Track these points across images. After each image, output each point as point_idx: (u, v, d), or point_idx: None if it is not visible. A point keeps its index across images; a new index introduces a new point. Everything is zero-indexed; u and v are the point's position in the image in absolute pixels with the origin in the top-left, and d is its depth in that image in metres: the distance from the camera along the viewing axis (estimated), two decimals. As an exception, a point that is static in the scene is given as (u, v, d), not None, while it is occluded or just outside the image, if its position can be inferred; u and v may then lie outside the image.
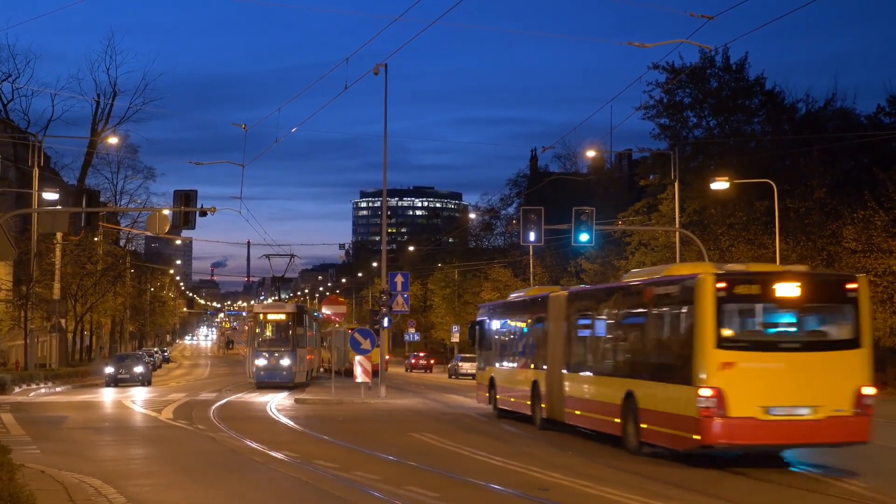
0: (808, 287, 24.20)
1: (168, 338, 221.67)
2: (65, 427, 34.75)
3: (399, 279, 51.52)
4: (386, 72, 48.20)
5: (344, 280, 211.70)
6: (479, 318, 43.35)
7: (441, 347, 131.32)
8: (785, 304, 23.94)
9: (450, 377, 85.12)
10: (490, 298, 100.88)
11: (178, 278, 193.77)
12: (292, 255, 79.73)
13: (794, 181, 64.43)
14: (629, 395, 26.56)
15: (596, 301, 31.60)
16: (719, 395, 22.85)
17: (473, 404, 43.83)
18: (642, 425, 25.78)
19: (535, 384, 34.37)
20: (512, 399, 37.12)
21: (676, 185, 68.13)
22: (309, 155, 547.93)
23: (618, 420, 27.26)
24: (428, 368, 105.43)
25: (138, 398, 52.08)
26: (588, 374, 30.56)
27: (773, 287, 23.86)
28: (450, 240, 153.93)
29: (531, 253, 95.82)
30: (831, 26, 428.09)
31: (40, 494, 16.88)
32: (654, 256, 74.27)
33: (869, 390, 24.20)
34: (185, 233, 70.99)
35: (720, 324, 23.43)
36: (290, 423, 36.30)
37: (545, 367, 33.63)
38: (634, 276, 30.46)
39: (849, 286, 24.49)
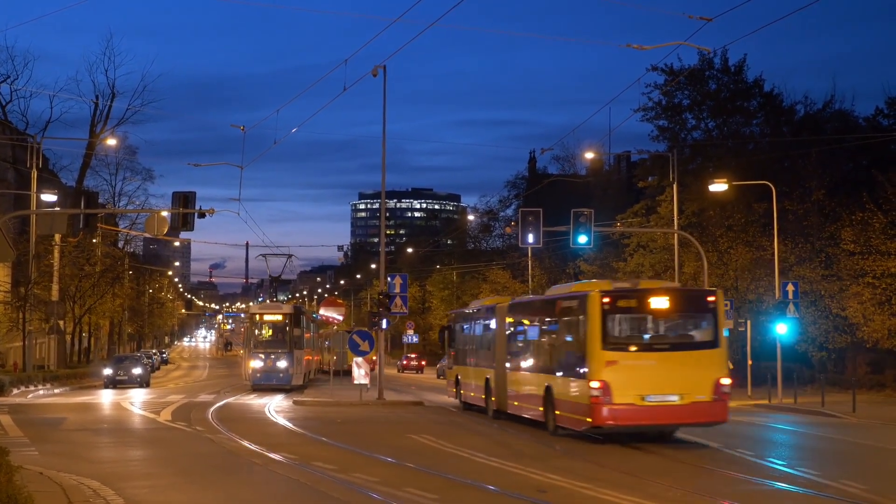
0: (676, 300, 30.21)
1: (166, 339, 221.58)
2: (63, 429, 34.74)
3: (397, 281, 51.48)
4: (385, 73, 48.14)
5: (342, 282, 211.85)
6: (447, 325, 51.03)
7: (439, 349, 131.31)
8: (657, 314, 29.95)
9: (438, 377, 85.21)
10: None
11: (176, 280, 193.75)
12: (289, 256, 76.00)
13: (793, 183, 64.43)
14: (548, 388, 32.35)
15: (526, 311, 37.79)
16: (605, 387, 28.60)
17: (449, 400, 48.10)
18: (556, 412, 31.61)
19: (487, 381, 40.11)
20: (472, 394, 42.80)
21: (675, 186, 68.12)
22: (308, 156, 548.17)
23: (541, 409, 33.11)
24: (419, 369, 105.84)
25: (137, 400, 52.07)
26: (522, 371, 36.16)
27: (648, 301, 29.70)
28: (448, 241, 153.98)
29: (530, 255, 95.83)
30: (830, 28, 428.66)
31: (38, 496, 16.88)
32: (652, 258, 74.30)
33: (725, 381, 29.31)
34: (184, 234, 71.10)
35: (605, 330, 29.25)
36: (289, 424, 36.29)
37: (494, 366, 39.23)
38: (553, 292, 36.34)
39: (709, 299, 30.37)
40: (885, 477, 23.61)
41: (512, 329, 38.04)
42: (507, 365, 37.64)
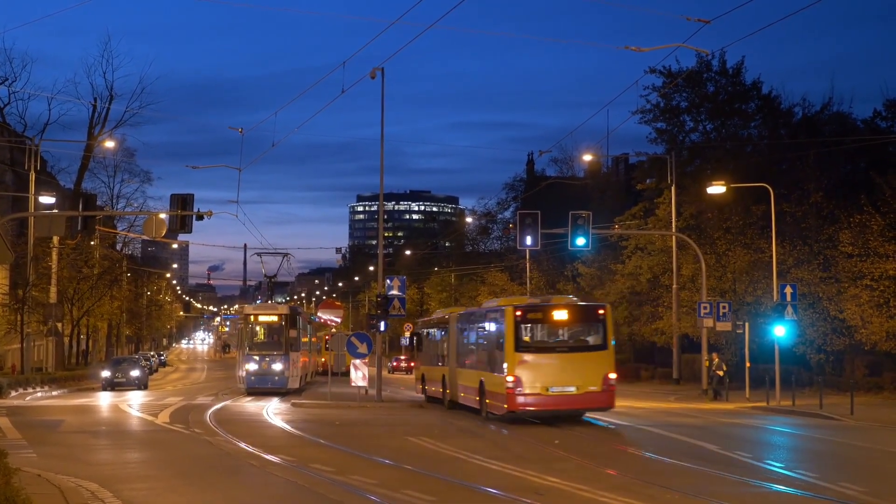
0: (573, 313, 38.31)
1: (165, 342, 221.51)
2: (61, 431, 34.73)
3: (396, 283, 51.53)
4: (383, 76, 48.11)
5: (341, 284, 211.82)
6: (415, 331, 60.22)
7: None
8: (558, 324, 37.97)
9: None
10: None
11: (174, 282, 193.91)
12: (286, 254, 71.97)
13: (791, 185, 64.45)
14: (481, 382, 39.73)
15: (469, 320, 44.64)
16: (518, 380, 36.43)
17: (418, 395, 54.54)
18: (487, 401, 39.08)
19: (443, 377, 47.10)
20: (433, 389, 49.97)
21: (673, 189, 68.30)
22: (306, 159, 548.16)
23: (477, 398, 40.38)
24: (408, 370, 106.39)
25: (135, 402, 52.05)
26: (466, 369, 43.30)
27: (551, 313, 37.78)
28: (446, 244, 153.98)
29: (528, 257, 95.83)
30: (828, 31, 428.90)
31: (37, 498, 16.89)
32: (650, 260, 74.33)
33: (612, 375, 37.28)
34: (182, 236, 71.30)
35: (518, 336, 37.13)
36: (287, 426, 36.28)
37: (447, 365, 46.59)
38: (485, 305, 45.09)
39: (599, 311, 38.29)
40: (884, 479, 23.63)
41: (459, 334, 45.38)
42: (456, 364, 45.07)
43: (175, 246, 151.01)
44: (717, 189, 57.67)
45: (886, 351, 53.93)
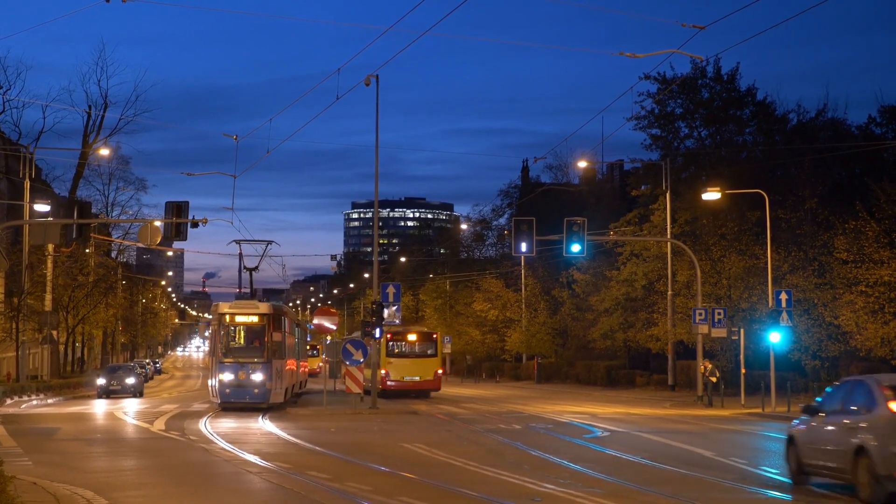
0: (419, 335, 67.58)
1: (160, 349, 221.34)
2: (57, 439, 34.71)
3: (391, 290, 51.59)
4: (377, 83, 48.17)
5: (336, 291, 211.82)
6: (345, 342, 63.25)
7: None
8: (410, 342, 66.57)
9: None
10: (481, 309, 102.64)
11: (169, 289, 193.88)
12: (269, 242, 58.59)
13: (786, 192, 64.52)
14: (373, 374, 54.16)
15: (388, 335, 63.00)
16: (387, 373, 63.42)
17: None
18: (380, 386, 57.32)
19: (373, 374, 55.24)
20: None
21: (668, 195, 68.41)
22: (301, 166, 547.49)
23: (381, 386, 59.14)
24: None
25: (130, 409, 52.03)
26: (368, 368, 53.68)
27: (406, 335, 66.52)
28: (441, 251, 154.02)
29: (523, 263, 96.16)
30: (822, 37, 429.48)
31: (32, 506, 16.85)
32: (645, 267, 74.44)
33: (440, 371, 66.47)
34: (177, 244, 71.24)
35: (388, 348, 64.10)
36: (283, 433, 36.25)
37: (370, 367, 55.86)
38: (390, 328, 58.82)
39: (433, 335, 68.43)
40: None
41: (385, 346, 63.39)
42: (383, 363, 62.39)
43: (170, 254, 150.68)
44: (711, 195, 57.71)
45: (881, 357, 53.95)
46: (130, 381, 69.88)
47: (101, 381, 70.04)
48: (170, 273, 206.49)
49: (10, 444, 31.79)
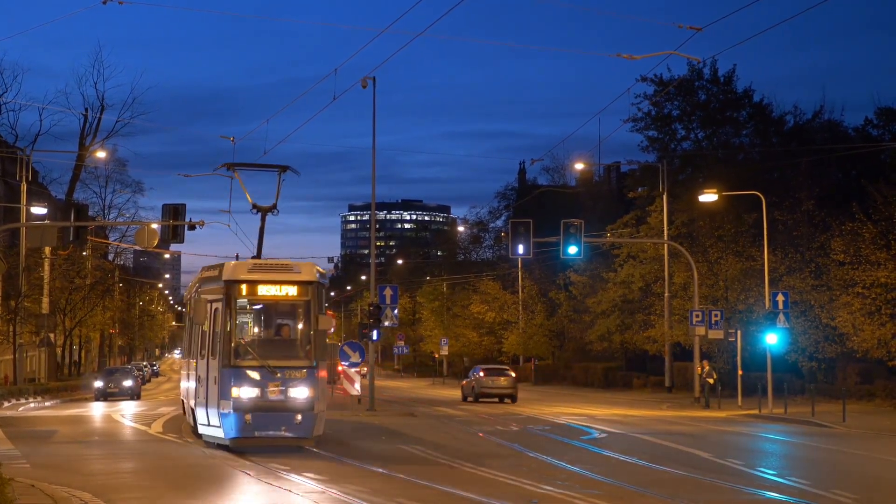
0: None
1: (157, 352, 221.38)
2: (54, 441, 34.67)
3: (388, 292, 51.53)
4: (374, 85, 48.12)
5: (333, 293, 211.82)
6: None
7: (430, 360, 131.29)
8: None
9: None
10: (479, 311, 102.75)
11: (166, 292, 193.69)
12: (284, 169, 34.20)
13: (783, 193, 64.54)
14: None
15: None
16: None
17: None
18: None
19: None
20: None
21: (665, 197, 68.46)
22: (299, 168, 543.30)
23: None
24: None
25: (127, 412, 51.94)
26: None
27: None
28: (438, 253, 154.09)
29: (520, 265, 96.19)
30: (819, 39, 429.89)
31: (30, 508, 16.86)
32: (642, 269, 74.47)
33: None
34: (174, 247, 71.19)
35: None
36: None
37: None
38: None
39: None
40: (876, 487, 23.68)
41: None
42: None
43: (167, 256, 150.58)
44: (708, 197, 57.77)
45: (878, 358, 53.98)
46: (128, 383, 69.84)
47: (98, 384, 70.00)
48: (167, 276, 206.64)
49: (7, 446, 31.76)
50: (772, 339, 49.93)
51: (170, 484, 23.01)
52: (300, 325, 30.31)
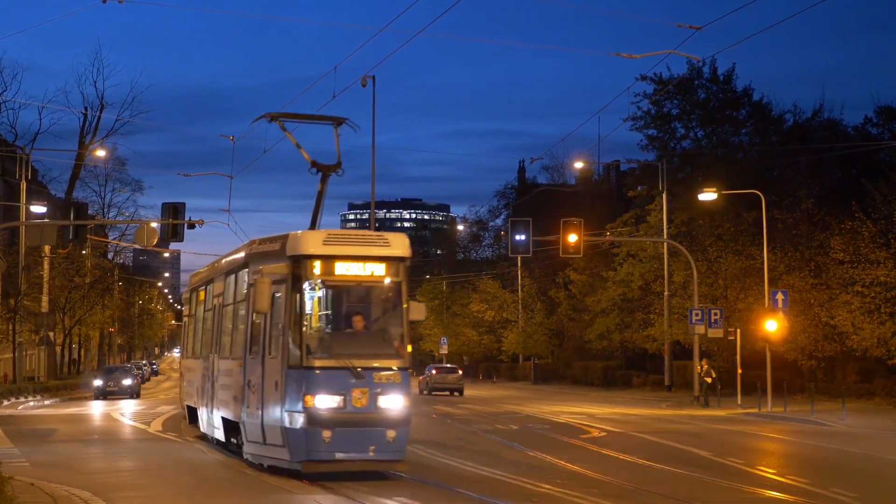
0: None
1: (156, 350, 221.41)
2: (54, 440, 34.67)
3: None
4: (374, 83, 48.23)
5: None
6: None
7: (430, 359, 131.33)
8: None
9: None
10: (478, 310, 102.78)
11: (166, 291, 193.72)
12: (341, 121, 27.22)
13: (782, 192, 64.59)
14: None
15: None
16: None
17: None
18: None
19: None
20: None
21: (664, 196, 68.41)
22: (298, 167, 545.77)
23: None
24: None
25: (127, 411, 51.96)
26: None
27: None
28: (438, 251, 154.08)
29: (519, 264, 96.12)
30: (819, 39, 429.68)
31: (30, 507, 16.87)
32: (642, 267, 74.47)
33: None
34: (174, 245, 71.05)
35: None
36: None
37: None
38: None
39: None
40: (875, 485, 23.70)
41: None
42: None
43: (167, 255, 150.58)
44: (708, 196, 57.79)
45: (877, 357, 53.99)
46: (127, 382, 69.83)
47: (97, 383, 69.99)
48: (166, 274, 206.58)
49: (7, 445, 31.77)
50: (771, 338, 49.97)
51: (169, 482, 23.00)
52: (388, 314, 24.05)
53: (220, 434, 28.25)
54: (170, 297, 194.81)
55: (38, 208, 65.67)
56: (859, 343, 53.57)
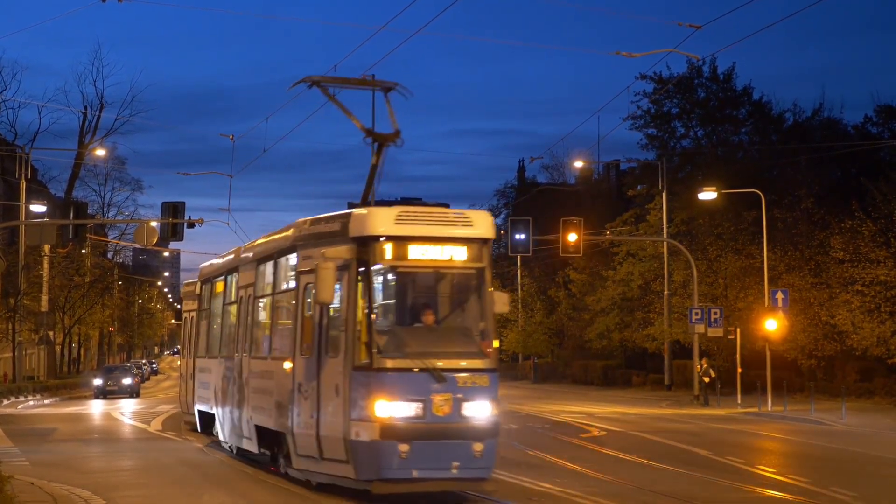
0: None
1: (156, 350, 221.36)
2: (53, 439, 34.69)
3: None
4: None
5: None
6: None
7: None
8: None
9: None
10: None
11: (165, 290, 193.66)
12: (392, 87, 23.80)
13: (782, 191, 64.53)
14: None
15: None
16: None
17: None
18: None
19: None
20: None
21: (664, 195, 68.33)
22: (298, 167, 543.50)
23: None
24: None
25: (127, 410, 51.98)
26: None
27: None
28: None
29: (519, 263, 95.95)
30: (818, 38, 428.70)
31: (29, 506, 16.87)
32: (641, 266, 74.43)
33: None
34: (173, 245, 71.07)
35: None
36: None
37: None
38: None
39: None
40: (875, 484, 23.70)
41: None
42: None
43: (166, 254, 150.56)
44: (708, 195, 57.78)
45: (877, 356, 53.99)
46: (127, 381, 69.88)
47: (97, 382, 70.06)
48: (166, 274, 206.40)
49: (7, 444, 31.80)
50: (771, 337, 49.98)
51: (169, 481, 23.01)
52: (470, 305, 20.31)
53: (250, 444, 24.60)
54: (169, 296, 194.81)
55: (38, 207, 65.67)
56: (859, 342, 53.56)
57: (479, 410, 18.95)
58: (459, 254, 19.64)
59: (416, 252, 19.45)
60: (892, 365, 53.98)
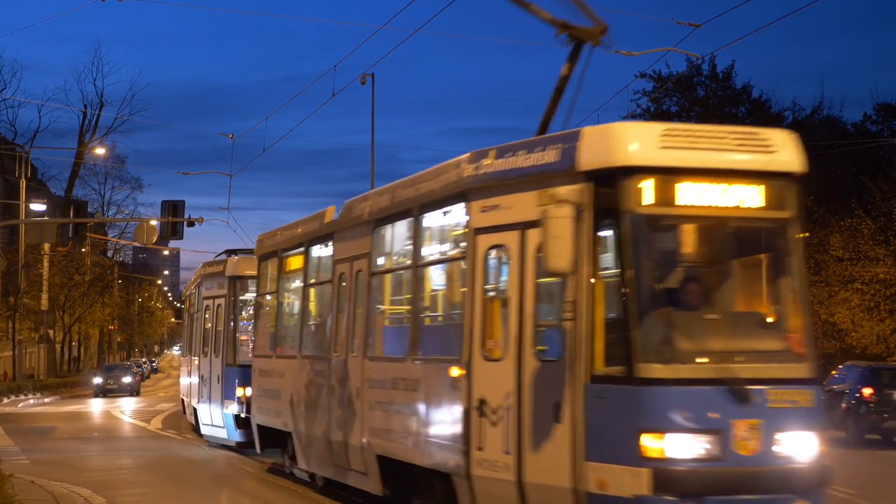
0: None
1: (156, 348, 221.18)
2: (54, 437, 34.72)
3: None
4: (373, 81, 47.96)
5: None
6: None
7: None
8: None
9: None
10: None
11: (165, 288, 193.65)
12: None
13: (781, 189, 64.43)
14: None
15: None
16: None
17: None
18: None
19: None
20: None
21: (664, 193, 68.24)
22: (298, 165, 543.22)
23: None
24: None
25: (127, 408, 52.02)
26: None
27: None
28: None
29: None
30: (818, 36, 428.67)
31: (30, 504, 16.89)
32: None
33: None
34: (173, 243, 71.19)
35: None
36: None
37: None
38: None
39: None
40: (874, 482, 23.70)
41: None
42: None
43: (166, 253, 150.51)
44: (707, 194, 57.71)
45: (877, 354, 53.99)
46: (127, 380, 69.93)
47: (97, 380, 70.10)
48: (166, 272, 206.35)
49: (7, 442, 31.80)
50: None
51: (169, 480, 23.02)
52: (776, 281, 12.64)
53: (362, 481, 17.29)
54: (169, 294, 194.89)
55: (38, 206, 65.80)
56: (858, 340, 53.56)
57: (802, 446, 12.01)
58: (755, 198, 12.07)
59: (692, 193, 11.81)
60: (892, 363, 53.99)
